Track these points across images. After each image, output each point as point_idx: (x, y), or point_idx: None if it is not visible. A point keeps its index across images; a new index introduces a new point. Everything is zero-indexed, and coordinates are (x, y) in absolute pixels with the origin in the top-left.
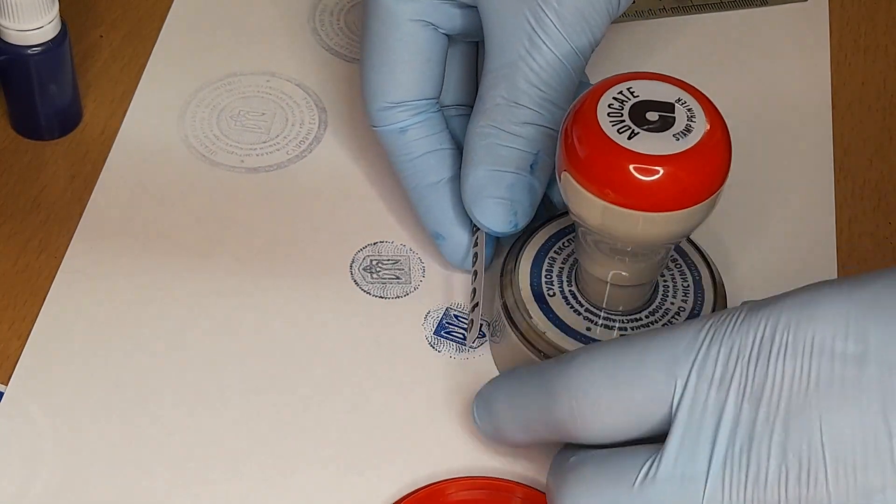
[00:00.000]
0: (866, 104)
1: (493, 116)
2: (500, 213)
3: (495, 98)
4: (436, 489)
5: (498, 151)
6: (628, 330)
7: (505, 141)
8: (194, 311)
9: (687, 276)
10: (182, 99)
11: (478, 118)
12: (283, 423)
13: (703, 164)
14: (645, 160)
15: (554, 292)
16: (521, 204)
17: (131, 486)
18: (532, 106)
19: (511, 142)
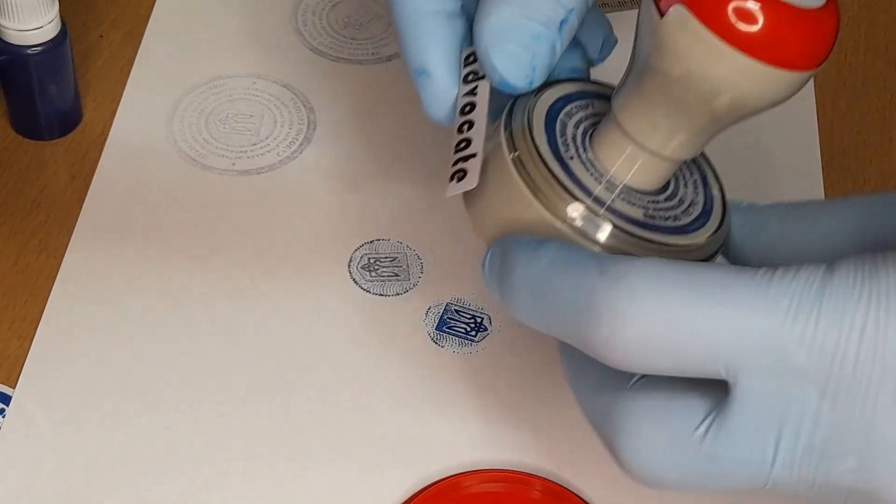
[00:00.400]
0: (866, 104)
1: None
2: (520, 64)
3: None
4: (454, 481)
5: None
6: (650, 210)
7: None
8: (195, 314)
9: (693, 170)
10: (169, 104)
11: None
12: (289, 424)
13: (833, 26)
14: (792, 10)
15: (572, 155)
16: (540, 60)
17: (135, 488)
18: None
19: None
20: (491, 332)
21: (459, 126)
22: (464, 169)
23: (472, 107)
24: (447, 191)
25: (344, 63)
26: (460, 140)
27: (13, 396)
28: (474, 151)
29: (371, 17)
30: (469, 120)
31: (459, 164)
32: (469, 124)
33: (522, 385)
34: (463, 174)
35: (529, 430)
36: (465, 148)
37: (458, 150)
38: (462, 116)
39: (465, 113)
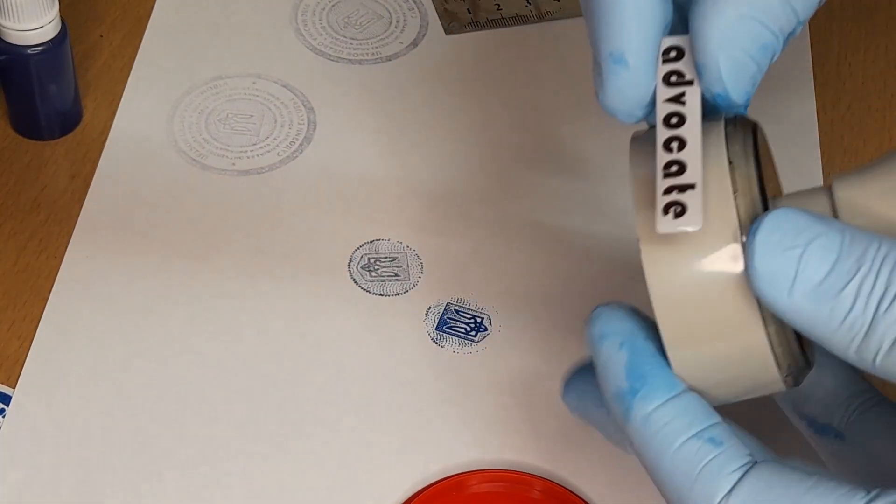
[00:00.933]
0: (866, 104)
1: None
2: (746, 77)
3: None
4: (454, 481)
5: (771, 0)
6: None
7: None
8: (195, 314)
9: None
10: (169, 104)
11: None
12: (289, 423)
13: None
14: None
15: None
16: (759, 75)
17: (135, 488)
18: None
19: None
20: (491, 332)
21: (667, 142)
22: (681, 203)
23: (681, 119)
24: (659, 225)
25: (344, 63)
26: (670, 161)
27: (13, 396)
28: (693, 181)
29: (371, 17)
30: (679, 137)
31: (674, 193)
32: (679, 143)
33: (522, 385)
34: (681, 209)
35: (529, 430)
36: (678, 173)
37: (669, 173)
38: (667, 129)
39: (672, 126)
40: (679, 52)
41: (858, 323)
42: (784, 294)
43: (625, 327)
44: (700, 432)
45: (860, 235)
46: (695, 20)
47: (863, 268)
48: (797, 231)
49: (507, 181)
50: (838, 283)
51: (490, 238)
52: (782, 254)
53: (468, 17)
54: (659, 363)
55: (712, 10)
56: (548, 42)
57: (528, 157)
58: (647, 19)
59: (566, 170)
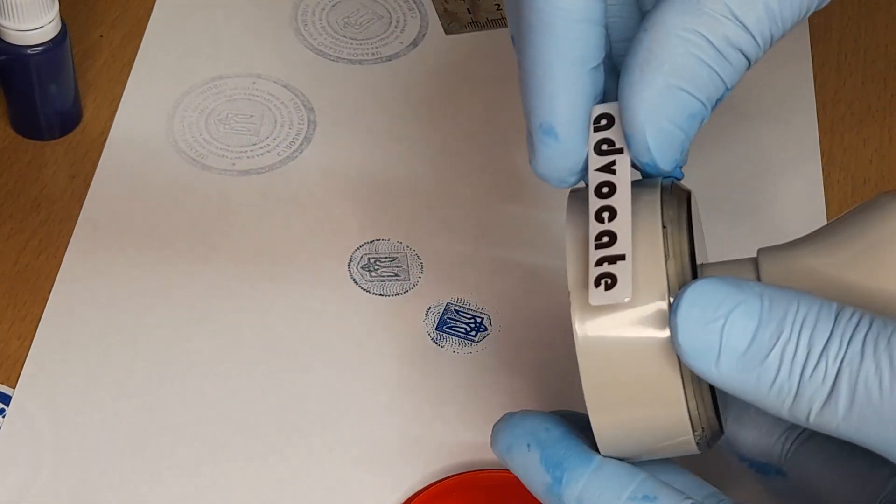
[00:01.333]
0: (866, 104)
1: (705, 23)
2: (674, 146)
3: (719, 4)
4: (454, 481)
5: (697, 69)
6: None
7: (710, 60)
8: (195, 315)
9: None
10: (169, 104)
11: (680, 15)
12: (289, 424)
13: None
14: None
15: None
16: (687, 142)
17: (135, 488)
18: (758, 37)
19: (717, 64)
20: (491, 332)
21: (598, 212)
22: (611, 274)
23: (611, 189)
24: (591, 297)
25: (344, 63)
26: (601, 232)
27: (13, 396)
28: (622, 252)
29: (371, 17)
30: (609, 206)
31: (605, 265)
32: (610, 213)
33: (522, 385)
34: (611, 281)
35: None
36: (608, 244)
37: (600, 244)
38: (599, 199)
39: (603, 195)
40: (609, 119)
41: (786, 388)
42: (711, 366)
43: (524, 429)
44: (632, 494)
45: (779, 298)
46: (623, 90)
47: (784, 333)
48: (717, 303)
49: (507, 181)
50: (761, 351)
51: (490, 238)
52: (704, 327)
53: (468, 17)
54: (567, 444)
55: (639, 81)
56: None
57: (528, 157)
58: (576, 91)
59: None
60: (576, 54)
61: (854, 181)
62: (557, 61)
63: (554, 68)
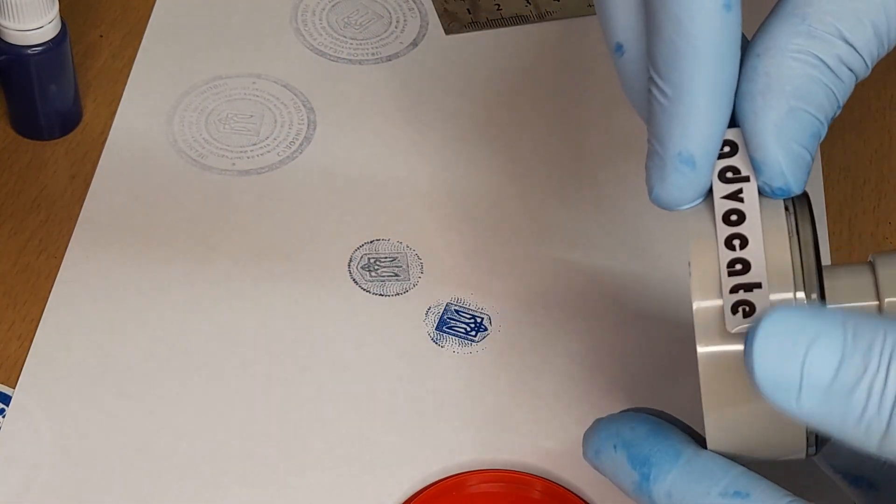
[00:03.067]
0: (866, 104)
1: (818, 45)
2: (804, 169)
3: (829, 27)
4: (454, 481)
5: (815, 89)
6: None
7: (827, 80)
8: (195, 314)
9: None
10: (169, 104)
11: (793, 38)
12: (290, 424)
13: None
14: None
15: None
16: (811, 162)
17: (134, 488)
18: (867, 57)
19: (832, 83)
20: (491, 332)
21: (728, 239)
22: (748, 302)
23: (740, 217)
24: (729, 324)
25: (344, 63)
26: (733, 259)
27: (13, 396)
28: (758, 280)
29: (371, 17)
30: (740, 234)
31: (741, 293)
32: (742, 241)
33: (522, 385)
34: (749, 309)
35: (529, 430)
36: (742, 272)
37: (734, 272)
38: (728, 227)
39: (732, 223)
40: (733, 146)
41: (875, 424)
42: (792, 401)
43: (609, 431)
44: (723, 490)
45: (864, 327)
46: (747, 117)
47: (871, 365)
48: (796, 334)
49: (507, 181)
50: (846, 385)
51: (490, 238)
52: (783, 361)
53: (468, 17)
54: (654, 440)
55: (763, 106)
56: (548, 42)
57: (528, 157)
58: (718, 121)
59: (566, 168)
60: (724, 84)
61: (854, 181)
62: (706, 90)
63: (702, 98)
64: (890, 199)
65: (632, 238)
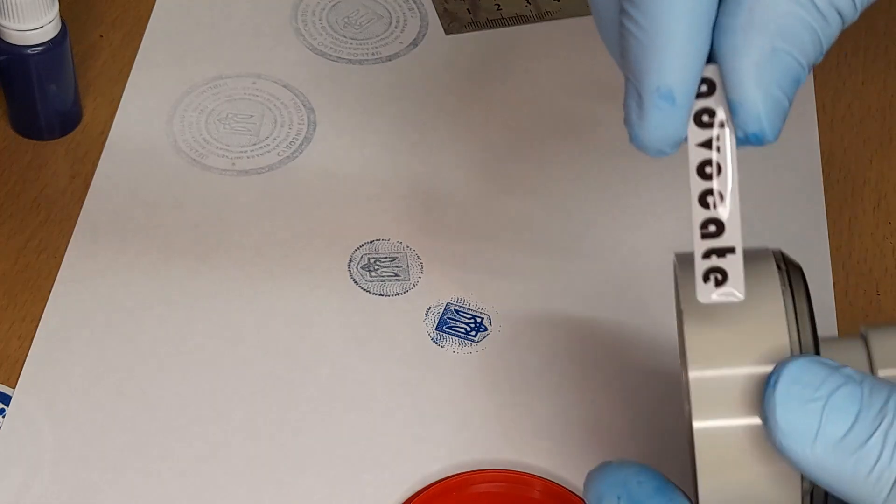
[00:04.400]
0: (866, 104)
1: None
2: (781, 116)
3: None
4: (455, 481)
5: (801, 33)
6: None
7: (815, 22)
8: (195, 314)
9: None
10: (169, 104)
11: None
12: (290, 424)
13: None
14: None
15: None
16: (789, 109)
17: (134, 488)
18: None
19: (819, 25)
20: (491, 332)
21: (702, 195)
22: (721, 269)
23: (716, 169)
24: (699, 293)
25: (344, 63)
26: (707, 219)
27: (13, 396)
28: (732, 245)
29: (371, 17)
30: (714, 189)
31: (713, 258)
32: (718, 196)
33: (522, 385)
34: (722, 276)
35: (529, 430)
36: (716, 234)
37: (707, 233)
38: (702, 180)
39: (706, 176)
40: (711, 85)
41: (886, 476)
42: (807, 448)
43: (616, 479)
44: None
45: (878, 385)
46: (725, 54)
47: (886, 419)
48: (818, 382)
49: (507, 181)
50: (862, 435)
51: (490, 238)
52: (803, 407)
53: (468, 17)
54: (659, 500)
55: (745, 44)
56: (548, 42)
57: (528, 157)
58: (697, 52)
59: (567, 168)
60: (701, 11)
61: (854, 181)
62: (683, 18)
63: (679, 26)
64: (890, 199)
65: (634, 237)
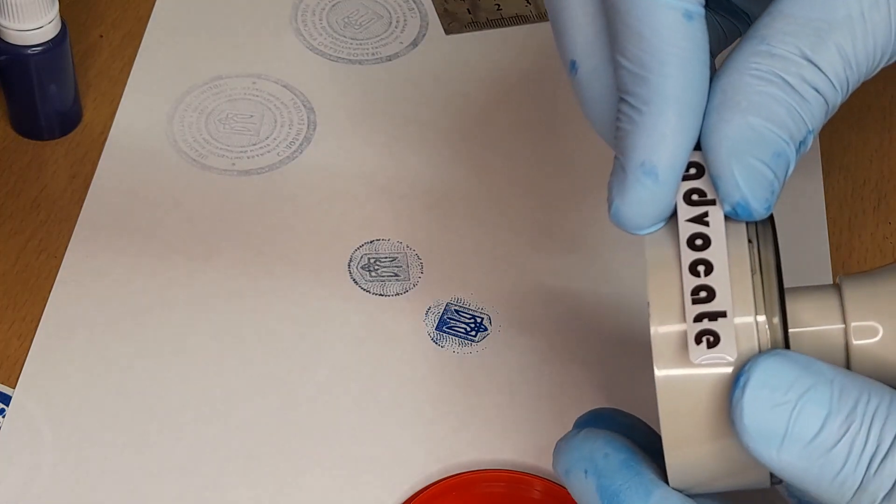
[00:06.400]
0: (866, 104)
1: (782, 65)
2: (763, 184)
3: (790, 46)
4: (455, 481)
5: (776, 108)
6: None
7: (791, 99)
8: (195, 315)
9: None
10: (169, 104)
11: (751, 57)
12: (290, 424)
13: None
14: None
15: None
16: (778, 184)
17: (134, 488)
18: (833, 78)
19: (798, 104)
20: (491, 332)
21: (693, 265)
22: (713, 331)
23: (706, 242)
24: (693, 354)
25: (344, 63)
26: (698, 286)
27: (13, 396)
28: (723, 309)
29: (371, 17)
30: (704, 260)
31: (705, 322)
32: (707, 267)
33: (522, 385)
34: (714, 339)
35: (529, 430)
36: (707, 300)
37: (698, 299)
38: (692, 251)
39: (697, 248)
40: (699, 169)
41: (850, 481)
42: (773, 451)
43: (582, 453)
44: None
45: (850, 386)
46: (704, 134)
47: (854, 424)
48: (787, 385)
49: (507, 181)
50: (829, 440)
51: (490, 238)
52: (771, 410)
53: (468, 17)
54: (626, 473)
55: (718, 121)
56: (548, 42)
57: (528, 157)
58: (686, 134)
59: (566, 168)
60: (691, 95)
61: (854, 181)
62: (674, 104)
63: (669, 110)
64: (890, 199)
65: (634, 237)
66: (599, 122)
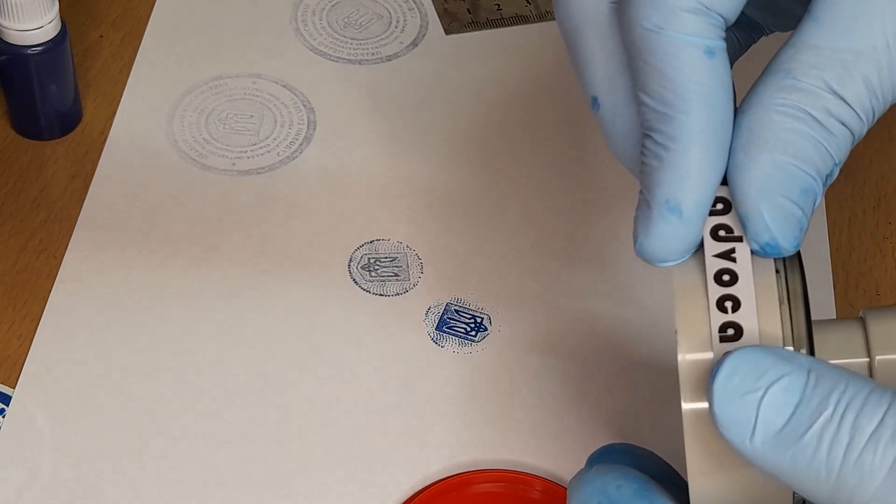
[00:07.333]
0: None
1: (808, 100)
2: (792, 223)
3: (816, 80)
4: (455, 481)
5: (802, 143)
6: None
7: (818, 135)
8: (195, 315)
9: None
10: (169, 104)
11: (777, 92)
12: (289, 425)
13: None
14: None
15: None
16: (806, 221)
17: (134, 488)
18: (859, 110)
19: (824, 139)
20: (491, 332)
21: (720, 301)
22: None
23: (733, 278)
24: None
25: (344, 63)
26: (725, 323)
27: (13, 396)
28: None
29: (371, 17)
30: (732, 296)
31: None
32: (734, 303)
33: (522, 385)
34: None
35: (529, 430)
36: (734, 337)
37: (725, 337)
38: (719, 287)
39: (724, 283)
40: (726, 204)
41: (823, 472)
42: (745, 440)
43: (595, 486)
44: None
45: (827, 375)
46: (731, 173)
47: (825, 412)
48: (759, 373)
49: (507, 181)
50: (799, 428)
51: (490, 238)
52: (741, 399)
53: (468, 17)
54: (638, 502)
55: (745, 160)
56: (548, 42)
57: (529, 157)
58: (711, 171)
59: (566, 169)
60: (716, 132)
61: (854, 181)
62: (699, 141)
63: (694, 145)
64: (890, 198)
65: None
66: (625, 157)
